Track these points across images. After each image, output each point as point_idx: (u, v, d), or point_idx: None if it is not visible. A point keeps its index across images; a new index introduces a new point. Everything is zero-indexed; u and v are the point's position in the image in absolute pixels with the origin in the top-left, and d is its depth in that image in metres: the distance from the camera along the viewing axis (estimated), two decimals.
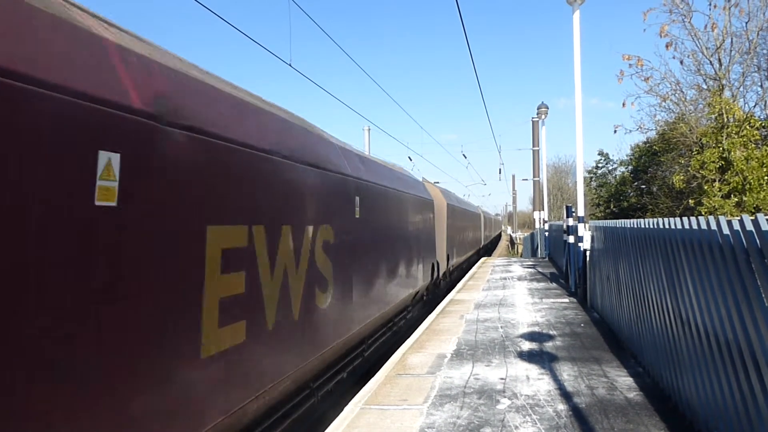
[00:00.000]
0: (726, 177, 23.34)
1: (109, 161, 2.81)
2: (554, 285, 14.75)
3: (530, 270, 19.45)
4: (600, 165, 42.37)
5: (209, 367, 3.67)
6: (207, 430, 3.68)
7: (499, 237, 74.79)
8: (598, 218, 37.79)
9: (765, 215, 3.19)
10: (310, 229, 5.54)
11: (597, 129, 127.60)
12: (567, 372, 6.31)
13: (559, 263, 18.13)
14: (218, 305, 3.78)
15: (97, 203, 2.75)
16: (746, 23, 24.85)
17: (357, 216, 7.44)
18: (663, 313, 5.32)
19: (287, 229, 4.96)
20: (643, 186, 33.79)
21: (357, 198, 7.54)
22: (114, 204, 2.87)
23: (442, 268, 16.54)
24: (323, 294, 5.87)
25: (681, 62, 26.76)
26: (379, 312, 8.44)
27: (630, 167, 35.92)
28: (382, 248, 8.75)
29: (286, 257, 4.88)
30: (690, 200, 24.81)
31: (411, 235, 11.29)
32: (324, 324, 5.90)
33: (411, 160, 39.62)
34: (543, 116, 27.95)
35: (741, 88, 26.16)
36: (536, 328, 8.84)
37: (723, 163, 23.32)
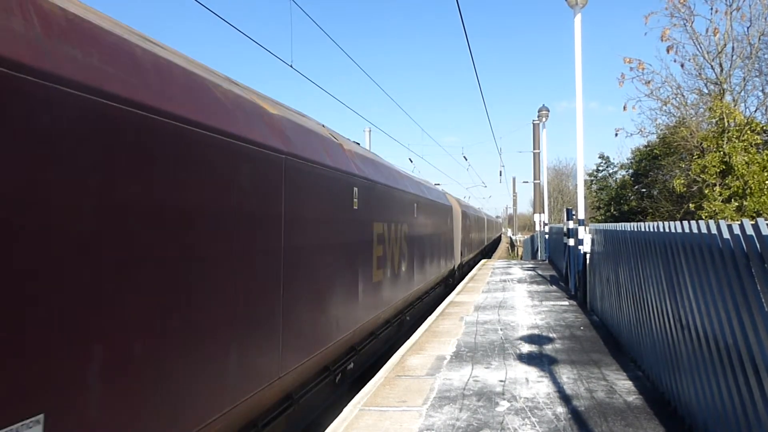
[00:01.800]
0: (727, 181, 23.35)
1: None
2: (554, 288, 14.74)
3: (530, 272, 19.45)
4: (600, 168, 42.45)
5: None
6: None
7: (498, 240, 73.63)
8: (599, 221, 37.80)
9: (766, 220, 3.20)
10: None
11: (597, 132, 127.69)
12: (566, 375, 6.31)
13: (559, 266, 18.13)
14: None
15: None
16: (747, 28, 24.90)
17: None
18: (663, 317, 5.32)
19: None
20: (644, 189, 33.80)
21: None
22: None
23: None
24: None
25: (682, 66, 26.75)
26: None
27: (630, 171, 35.94)
28: None
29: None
30: (690, 204, 24.80)
31: None
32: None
33: (411, 161, 39.64)
34: (544, 119, 27.95)
35: (742, 93, 26.21)
36: (536, 331, 8.84)
37: (724, 167, 23.32)
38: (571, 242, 12.80)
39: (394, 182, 10.22)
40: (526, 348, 7.69)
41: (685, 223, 4.58)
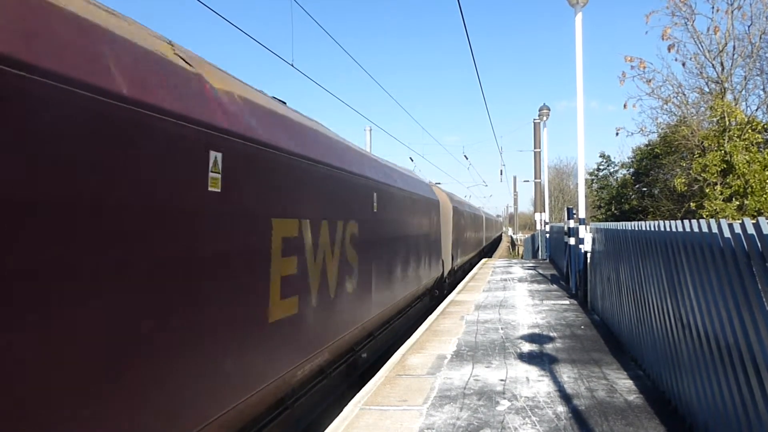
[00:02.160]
0: (728, 180, 23.33)
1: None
2: (555, 287, 14.74)
3: (531, 271, 19.44)
4: (601, 167, 42.38)
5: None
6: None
7: (498, 240, 72.11)
8: (599, 220, 37.78)
9: (766, 218, 3.19)
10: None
11: (598, 131, 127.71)
12: (567, 374, 6.30)
13: (560, 265, 18.12)
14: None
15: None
16: (748, 27, 24.88)
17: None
18: (663, 316, 5.31)
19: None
20: (645, 188, 33.78)
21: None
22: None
23: None
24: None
25: (683, 65, 26.89)
26: None
27: (631, 170, 35.90)
28: None
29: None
30: (691, 203, 24.80)
31: None
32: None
33: (412, 160, 39.65)
34: (545, 118, 27.94)
35: (743, 92, 26.20)
36: (536, 330, 8.83)
37: (725, 166, 23.31)
38: (572, 241, 12.79)
39: (331, 158, 6.79)
40: (526, 347, 7.69)
41: (686, 222, 4.57)
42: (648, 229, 5.92)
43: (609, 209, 38.03)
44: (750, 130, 22.99)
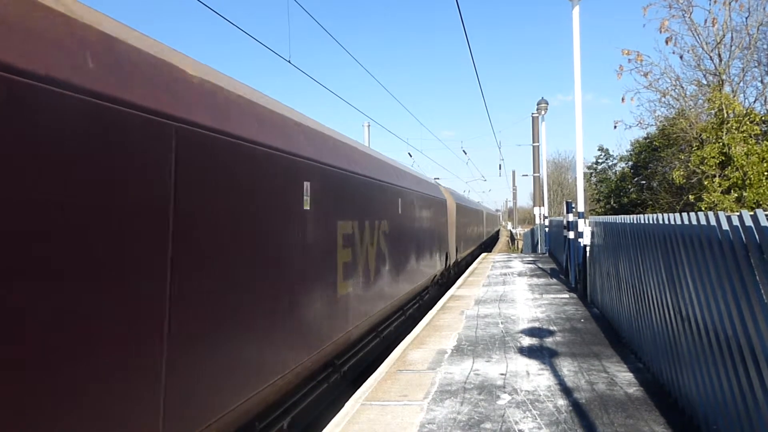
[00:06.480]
0: (726, 172, 23.34)
1: None
2: (554, 281, 14.76)
3: (530, 266, 19.47)
4: (600, 161, 42.43)
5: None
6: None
7: (495, 237, 68.33)
8: (598, 214, 37.80)
9: (765, 211, 3.20)
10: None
11: (594, 125, 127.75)
12: (567, 367, 6.32)
13: (560, 259, 18.15)
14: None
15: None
16: (746, 18, 24.83)
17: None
18: (663, 309, 5.33)
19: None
20: (643, 181, 33.80)
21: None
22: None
23: None
24: None
25: (681, 57, 26.75)
26: None
27: (630, 163, 35.94)
28: None
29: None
30: (690, 196, 24.82)
31: None
32: None
33: (411, 156, 39.60)
34: (543, 112, 27.92)
35: (741, 84, 26.17)
36: (536, 324, 8.85)
37: (723, 158, 23.32)
38: (571, 235, 12.81)
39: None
40: (526, 341, 7.71)
41: (685, 214, 4.58)
42: (647, 222, 5.93)
43: (608, 202, 38.09)
44: (748, 122, 22.99)
